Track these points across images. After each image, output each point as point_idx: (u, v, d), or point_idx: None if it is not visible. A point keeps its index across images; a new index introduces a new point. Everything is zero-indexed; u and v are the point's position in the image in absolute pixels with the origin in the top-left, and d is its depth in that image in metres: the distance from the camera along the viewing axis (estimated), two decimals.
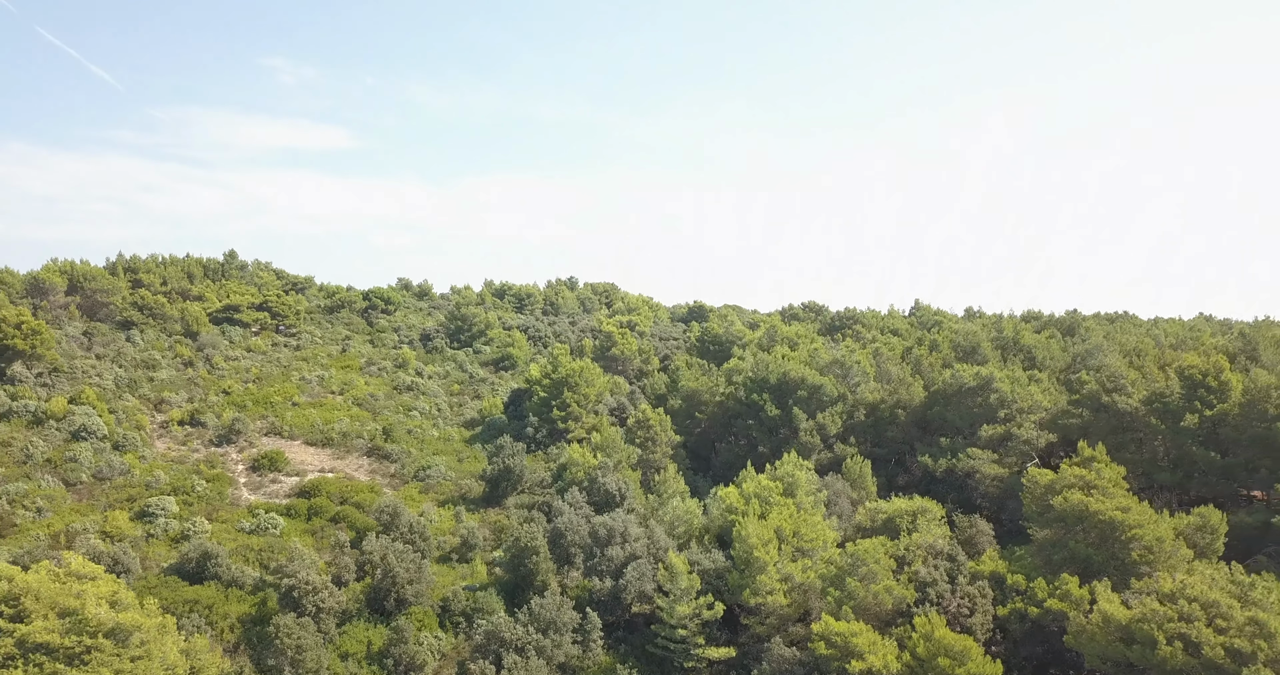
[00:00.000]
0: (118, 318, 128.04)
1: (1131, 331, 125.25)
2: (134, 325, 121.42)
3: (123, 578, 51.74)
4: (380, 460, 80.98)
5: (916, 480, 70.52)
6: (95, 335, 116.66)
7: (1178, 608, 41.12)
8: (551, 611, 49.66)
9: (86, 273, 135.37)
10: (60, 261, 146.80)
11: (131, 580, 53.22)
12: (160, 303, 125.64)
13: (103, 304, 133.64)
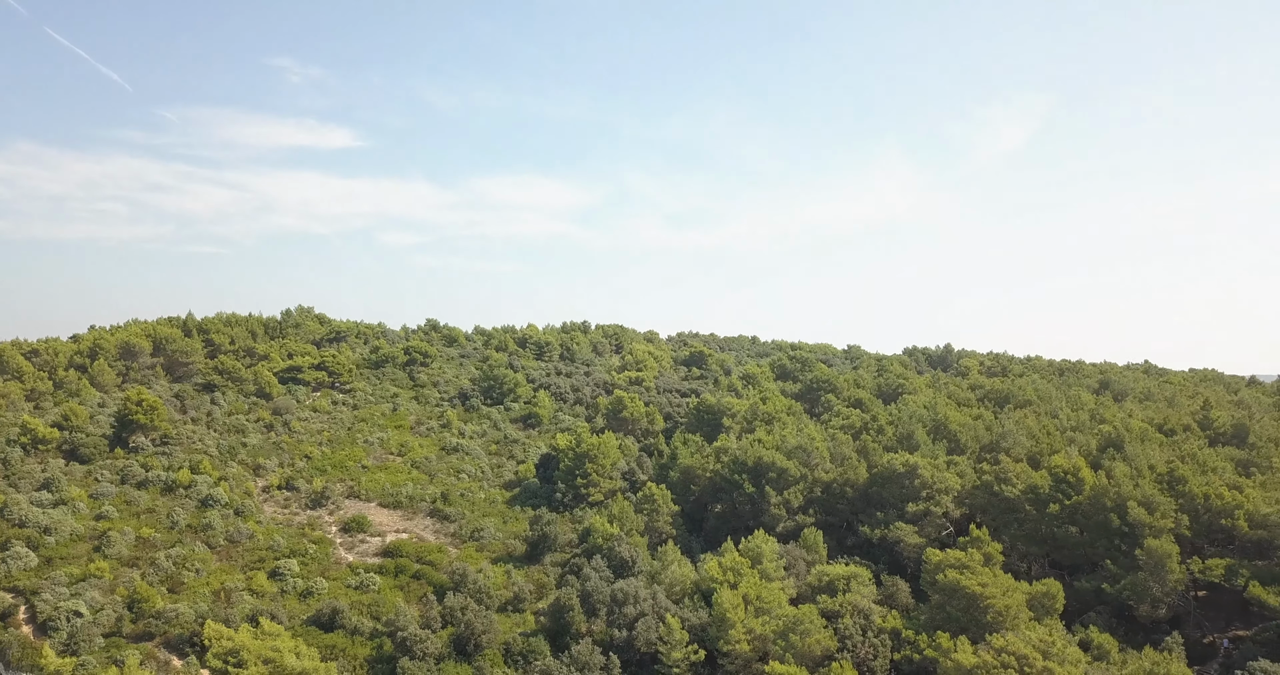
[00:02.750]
0: (198, 379, 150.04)
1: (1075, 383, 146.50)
2: (215, 388, 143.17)
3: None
4: (441, 521, 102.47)
5: (860, 543, 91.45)
6: (185, 398, 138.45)
7: (1001, 659, 62.34)
8: (585, 655, 71.24)
9: (168, 336, 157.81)
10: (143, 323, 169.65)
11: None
12: (237, 368, 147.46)
13: (182, 364, 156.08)
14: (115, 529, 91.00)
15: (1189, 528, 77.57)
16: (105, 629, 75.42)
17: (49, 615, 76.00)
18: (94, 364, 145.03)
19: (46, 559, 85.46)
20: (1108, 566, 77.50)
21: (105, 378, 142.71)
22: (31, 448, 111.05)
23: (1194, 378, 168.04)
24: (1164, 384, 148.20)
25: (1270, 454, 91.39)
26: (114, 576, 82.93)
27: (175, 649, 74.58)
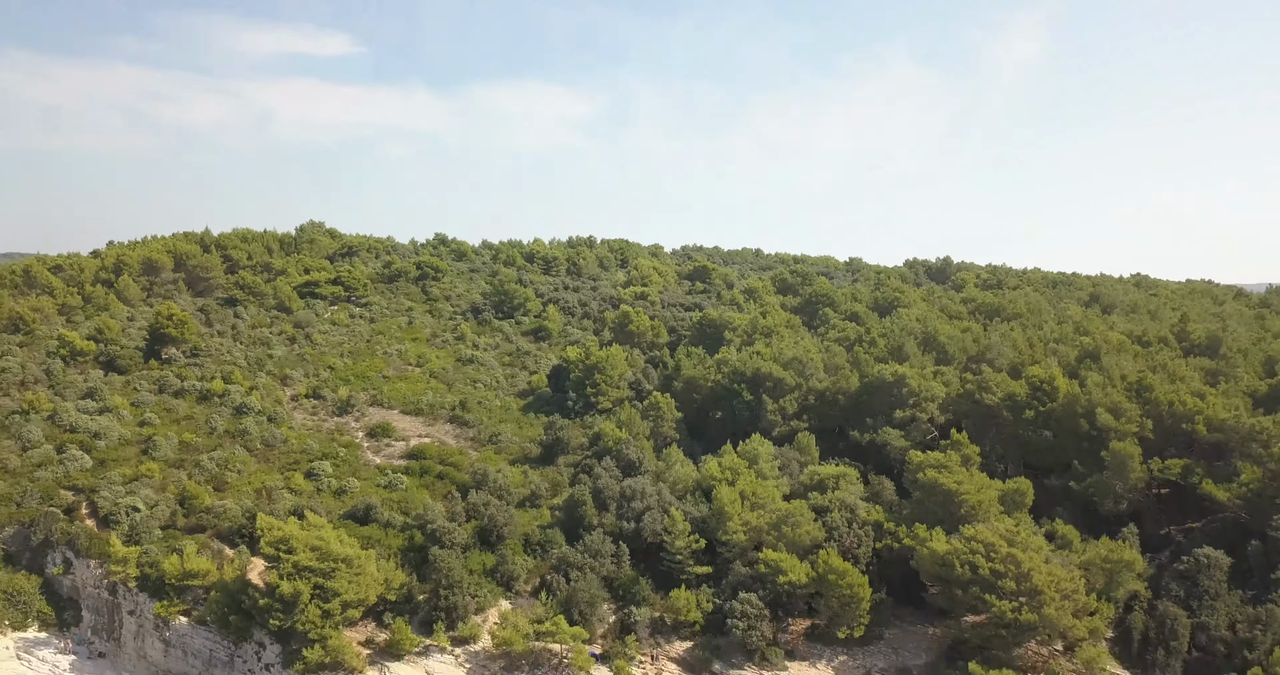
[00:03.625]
0: (219, 294, 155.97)
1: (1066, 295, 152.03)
2: (238, 303, 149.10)
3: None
4: (460, 426, 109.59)
5: (850, 446, 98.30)
6: (210, 312, 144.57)
7: (970, 546, 69.63)
8: (597, 544, 78.87)
9: (187, 251, 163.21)
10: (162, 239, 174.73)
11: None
12: (257, 282, 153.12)
13: (202, 279, 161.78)
14: (159, 434, 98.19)
15: (1152, 432, 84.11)
16: (161, 522, 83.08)
17: (109, 510, 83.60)
18: (119, 280, 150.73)
19: (100, 461, 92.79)
20: (1076, 467, 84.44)
21: (131, 293, 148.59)
22: (71, 359, 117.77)
23: (1183, 290, 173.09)
24: (1151, 297, 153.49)
25: (1237, 364, 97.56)
26: (163, 477, 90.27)
27: (226, 540, 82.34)
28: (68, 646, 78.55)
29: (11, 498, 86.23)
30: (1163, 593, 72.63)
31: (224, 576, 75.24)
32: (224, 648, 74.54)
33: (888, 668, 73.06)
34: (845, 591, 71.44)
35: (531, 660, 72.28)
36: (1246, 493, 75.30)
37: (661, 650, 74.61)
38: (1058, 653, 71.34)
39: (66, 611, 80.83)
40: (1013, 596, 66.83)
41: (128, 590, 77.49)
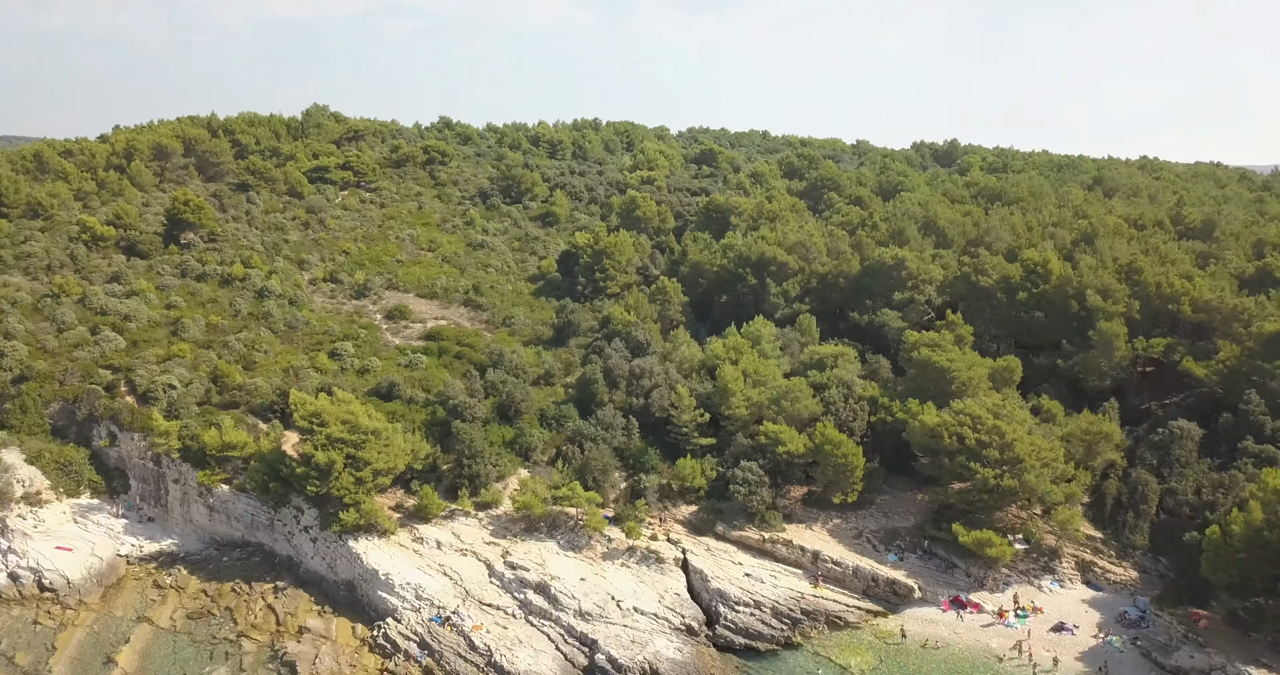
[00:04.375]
0: (230, 179, 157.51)
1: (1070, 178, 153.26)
2: (249, 188, 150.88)
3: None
4: (475, 309, 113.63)
5: (849, 327, 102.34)
6: (223, 197, 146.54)
7: (958, 418, 74.37)
8: (609, 418, 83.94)
9: (196, 136, 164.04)
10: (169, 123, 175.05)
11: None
12: (267, 167, 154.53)
13: (213, 164, 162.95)
14: (186, 317, 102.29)
15: (1139, 312, 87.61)
16: (197, 399, 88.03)
17: (147, 388, 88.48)
18: (131, 165, 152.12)
19: (133, 342, 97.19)
20: (1064, 346, 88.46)
21: (144, 178, 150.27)
22: (93, 244, 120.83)
23: (1188, 173, 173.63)
24: (1154, 181, 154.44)
25: (1228, 247, 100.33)
26: (194, 356, 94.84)
27: (259, 415, 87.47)
28: (118, 511, 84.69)
29: (54, 376, 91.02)
30: (1137, 462, 77.70)
31: (261, 448, 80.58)
32: (264, 512, 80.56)
33: (878, 529, 79.04)
34: (840, 460, 76.70)
35: (550, 522, 78.28)
36: (1223, 369, 79.43)
37: (669, 513, 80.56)
38: (1036, 515, 77.09)
39: (115, 480, 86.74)
40: (996, 465, 71.99)
41: (171, 461, 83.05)
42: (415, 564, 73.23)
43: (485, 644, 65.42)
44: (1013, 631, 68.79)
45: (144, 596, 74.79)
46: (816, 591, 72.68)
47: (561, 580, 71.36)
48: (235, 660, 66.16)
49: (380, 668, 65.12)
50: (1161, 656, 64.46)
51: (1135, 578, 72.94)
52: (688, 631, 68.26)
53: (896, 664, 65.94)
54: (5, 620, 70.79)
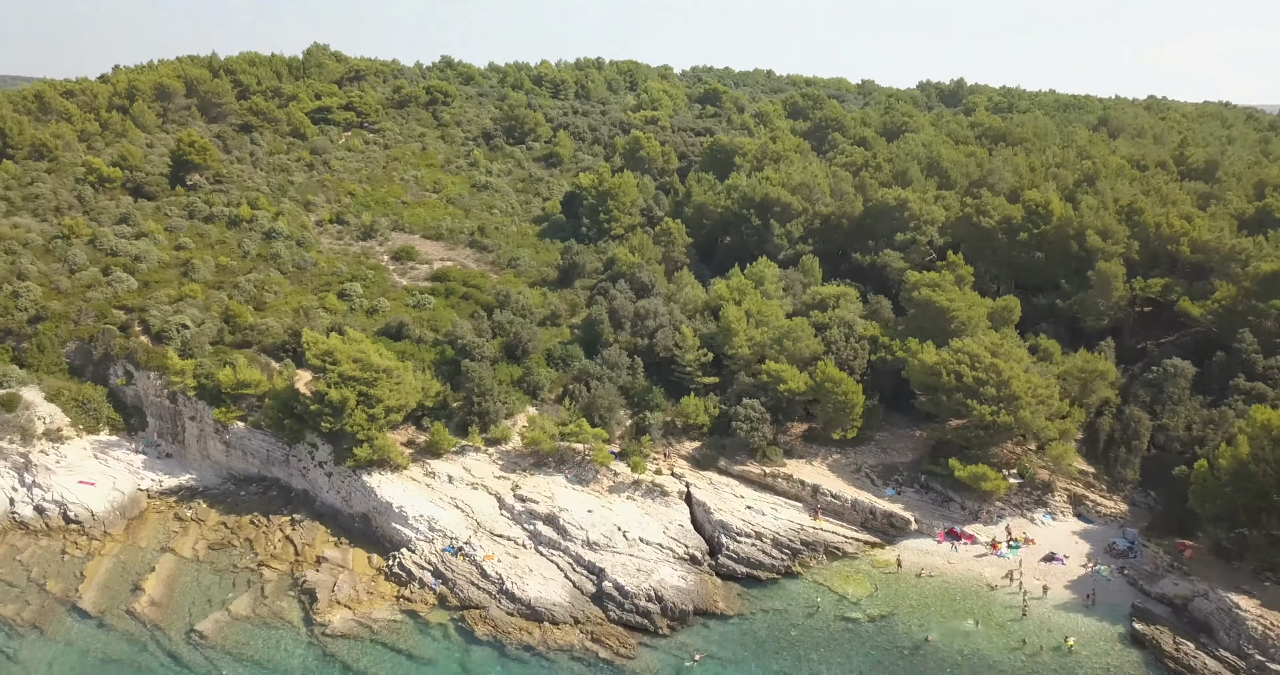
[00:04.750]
0: (233, 120, 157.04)
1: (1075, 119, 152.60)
2: (252, 129, 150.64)
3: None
4: (480, 251, 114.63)
5: (851, 268, 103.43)
6: (226, 138, 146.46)
7: (956, 356, 75.99)
8: (614, 357, 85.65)
9: (197, 76, 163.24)
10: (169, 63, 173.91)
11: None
12: (269, 108, 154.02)
13: (215, 105, 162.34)
14: (196, 258, 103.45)
15: (1139, 253, 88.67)
16: (210, 338, 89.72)
17: (160, 327, 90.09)
18: (134, 106, 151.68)
19: (144, 283, 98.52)
20: (1063, 286, 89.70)
21: (147, 119, 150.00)
22: (99, 186, 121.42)
23: (1195, 113, 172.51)
24: (1160, 121, 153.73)
25: (1230, 188, 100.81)
26: (205, 297, 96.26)
27: (272, 354, 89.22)
28: (137, 448, 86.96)
29: (68, 316, 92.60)
30: (1131, 399, 79.50)
31: (275, 386, 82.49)
32: (280, 448, 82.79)
33: (876, 464, 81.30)
34: (840, 398, 78.55)
35: (557, 457, 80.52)
36: (1219, 309, 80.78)
37: (673, 449, 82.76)
38: (1030, 451, 79.23)
39: (132, 417, 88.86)
40: (992, 402, 73.81)
41: (187, 398, 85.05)
42: (428, 497, 75.64)
43: (497, 572, 68.07)
44: (1005, 561, 71.37)
45: (166, 528, 77.40)
46: (816, 523, 75.13)
47: (570, 512, 73.80)
48: (257, 588, 68.87)
49: (396, 595, 67.83)
50: (1147, 584, 67.05)
51: (1125, 511, 75.31)
52: (691, 561, 70.85)
53: (892, 592, 68.59)
54: (35, 551, 73.47)
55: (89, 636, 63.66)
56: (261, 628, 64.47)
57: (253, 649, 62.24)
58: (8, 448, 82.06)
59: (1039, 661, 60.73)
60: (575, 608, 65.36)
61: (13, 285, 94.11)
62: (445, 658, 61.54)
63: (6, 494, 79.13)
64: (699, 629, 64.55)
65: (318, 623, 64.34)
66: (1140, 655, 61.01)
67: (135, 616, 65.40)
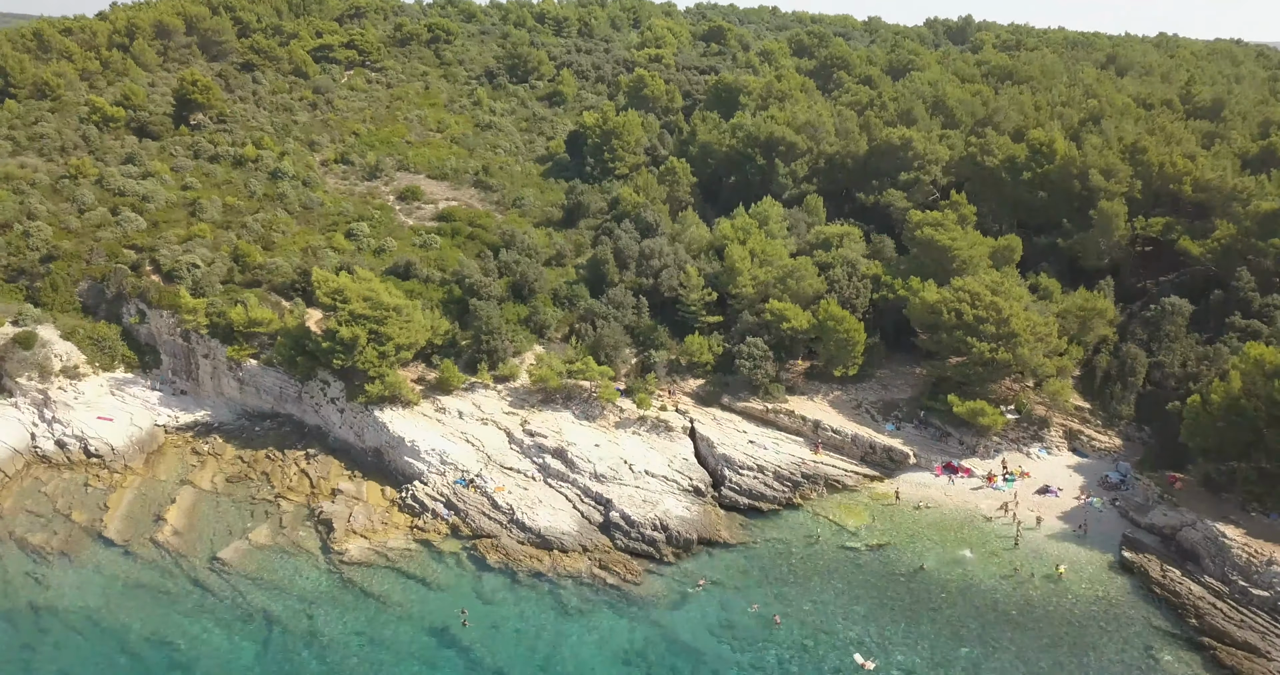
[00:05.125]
0: (234, 58, 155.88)
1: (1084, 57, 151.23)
2: (254, 67, 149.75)
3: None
4: (485, 191, 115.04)
5: (855, 208, 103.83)
6: (229, 77, 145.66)
7: (957, 295, 77.11)
8: (620, 297, 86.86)
9: (196, 14, 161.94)
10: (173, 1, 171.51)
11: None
12: (271, 46, 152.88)
13: (215, 42, 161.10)
14: (203, 197, 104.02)
15: (1141, 192, 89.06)
16: (220, 278, 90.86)
17: (171, 267, 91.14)
18: (134, 44, 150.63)
19: (153, 222, 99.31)
20: (1065, 226, 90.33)
21: (148, 58, 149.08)
22: (104, 125, 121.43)
23: (1205, 51, 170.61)
24: (1168, 58, 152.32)
25: (1235, 126, 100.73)
26: (214, 237, 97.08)
27: (282, 293, 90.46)
28: (152, 385, 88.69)
29: (80, 255, 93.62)
30: (1128, 337, 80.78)
31: (286, 324, 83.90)
32: (292, 385, 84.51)
33: (877, 401, 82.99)
34: (842, 336, 79.92)
35: (565, 394, 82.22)
36: (1218, 248, 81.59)
37: (677, 386, 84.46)
38: (1028, 387, 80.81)
39: (147, 355, 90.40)
40: (992, 339, 75.16)
41: (200, 337, 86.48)
42: (439, 432, 77.56)
43: (507, 503, 70.28)
44: (1000, 494, 73.48)
45: (184, 462, 79.57)
46: (816, 457, 77.11)
47: (577, 446, 75.76)
48: (275, 518, 71.20)
49: (410, 525, 70.15)
50: (1137, 515, 69.18)
51: (1119, 445, 77.18)
52: (695, 492, 73.02)
53: (890, 523, 70.82)
54: (58, 483, 75.70)
55: (116, 563, 66.17)
56: (281, 555, 66.91)
57: (273, 575, 64.73)
58: (26, 384, 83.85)
59: (1030, 588, 63.11)
60: (584, 536, 67.70)
61: (23, 225, 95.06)
62: (458, 584, 64.00)
63: (27, 429, 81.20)
64: (703, 557, 66.93)
65: (335, 551, 66.76)
66: (1128, 582, 63.36)
67: (159, 545, 67.84)
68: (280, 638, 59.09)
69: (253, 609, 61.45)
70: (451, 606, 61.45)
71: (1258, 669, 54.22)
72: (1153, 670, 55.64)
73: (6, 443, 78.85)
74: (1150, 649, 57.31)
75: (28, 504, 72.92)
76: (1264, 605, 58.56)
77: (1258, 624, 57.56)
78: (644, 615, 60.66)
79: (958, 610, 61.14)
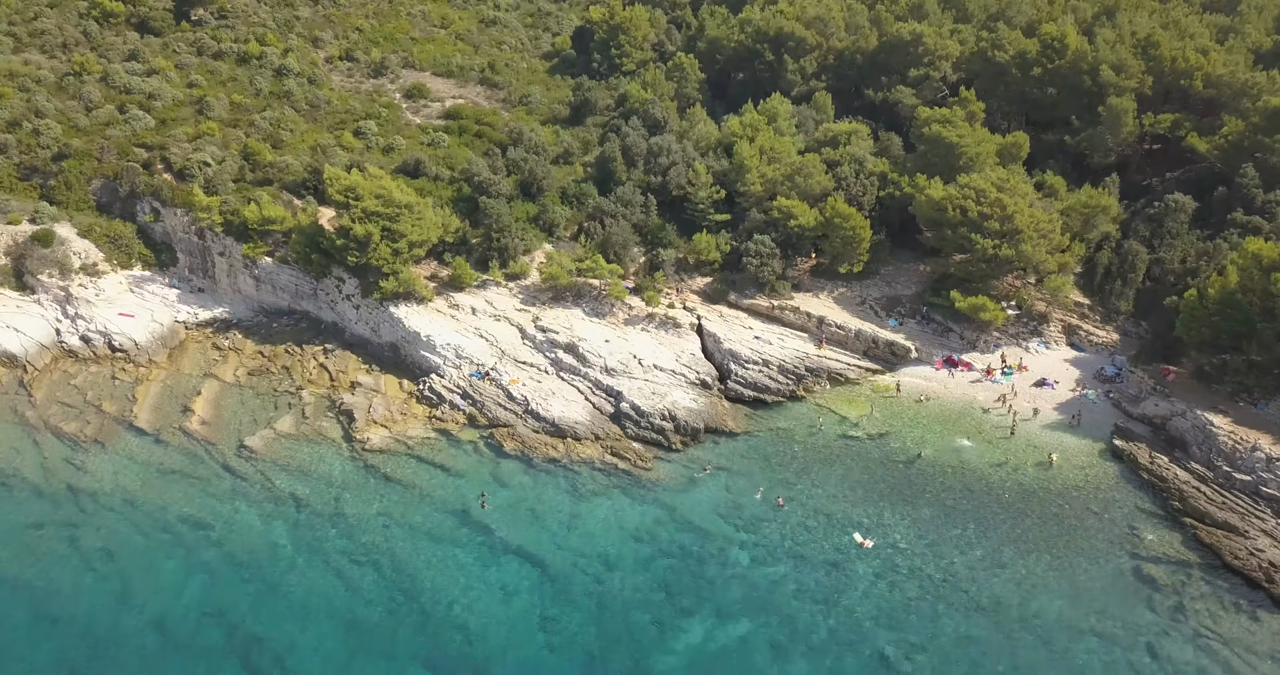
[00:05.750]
0: None
1: None
2: None
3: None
4: (491, 88, 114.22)
5: (864, 105, 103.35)
6: None
7: (963, 191, 77.89)
8: (628, 195, 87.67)
9: None
10: None
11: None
12: None
13: None
14: (209, 95, 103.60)
15: (1151, 88, 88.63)
16: (231, 176, 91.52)
17: (182, 165, 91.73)
18: None
19: (161, 121, 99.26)
20: (1074, 122, 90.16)
21: None
22: (104, 21, 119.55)
23: None
24: None
25: (1250, 20, 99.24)
26: (223, 135, 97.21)
27: (293, 192, 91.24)
28: (169, 283, 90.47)
29: (90, 153, 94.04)
30: (1131, 233, 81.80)
31: (299, 222, 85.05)
32: (308, 283, 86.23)
33: (880, 297, 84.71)
34: (848, 233, 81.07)
35: (575, 292, 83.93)
36: (1225, 144, 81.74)
37: (685, 284, 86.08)
38: (1029, 284, 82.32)
39: (163, 254, 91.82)
40: (996, 236, 76.27)
41: (215, 235, 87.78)
42: (453, 328, 79.62)
43: (522, 395, 72.87)
44: (998, 386, 75.86)
45: (206, 357, 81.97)
46: (820, 352, 79.30)
47: (588, 342, 77.92)
48: (297, 409, 73.95)
49: (428, 416, 72.92)
50: (1130, 406, 71.69)
51: (1116, 340, 79.14)
52: (702, 385, 75.52)
53: (891, 413, 73.45)
54: (86, 376, 78.30)
55: (148, 451, 69.24)
56: (305, 444, 69.91)
57: (299, 461, 67.85)
58: (48, 282, 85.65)
59: (1023, 474, 66.06)
60: (596, 426, 70.51)
61: (32, 122, 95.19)
62: (477, 469, 67.09)
63: (52, 325, 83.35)
64: (709, 445, 69.82)
65: (357, 439, 69.72)
66: (1117, 468, 66.23)
67: (188, 434, 70.83)
68: (309, 518, 62.47)
69: (281, 492, 64.70)
70: (470, 490, 64.63)
71: (1235, 545, 57.38)
72: (1136, 546, 58.90)
73: (33, 337, 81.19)
74: (1135, 528, 60.46)
75: (59, 395, 75.66)
76: (1245, 488, 61.48)
77: (1238, 506, 60.54)
78: (654, 498, 63.84)
79: (953, 494, 64.21)
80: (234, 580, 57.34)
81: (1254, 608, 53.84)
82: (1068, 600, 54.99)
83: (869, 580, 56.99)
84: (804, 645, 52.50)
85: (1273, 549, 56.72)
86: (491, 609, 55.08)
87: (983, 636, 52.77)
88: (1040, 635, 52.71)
